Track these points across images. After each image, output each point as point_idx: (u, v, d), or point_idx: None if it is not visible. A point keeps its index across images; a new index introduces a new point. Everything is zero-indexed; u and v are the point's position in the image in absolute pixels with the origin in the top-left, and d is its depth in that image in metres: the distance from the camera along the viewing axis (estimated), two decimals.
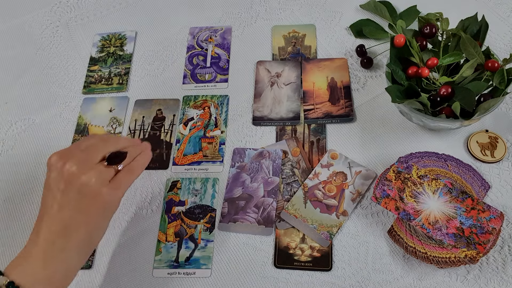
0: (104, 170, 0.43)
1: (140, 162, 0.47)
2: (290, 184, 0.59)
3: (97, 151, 0.44)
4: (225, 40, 0.74)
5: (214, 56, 0.71)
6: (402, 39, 0.56)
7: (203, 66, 0.70)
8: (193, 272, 0.53)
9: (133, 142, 0.48)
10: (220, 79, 0.69)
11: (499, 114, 0.61)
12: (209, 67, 0.70)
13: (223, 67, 0.70)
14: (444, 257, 0.48)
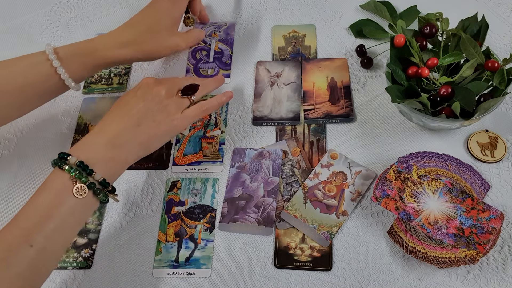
0: (181, 101, 0.55)
1: (212, 102, 0.58)
2: (290, 184, 0.59)
3: (178, 85, 0.56)
4: (228, 35, 0.74)
5: (217, 51, 0.71)
6: (402, 39, 0.56)
7: (206, 61, 0.71)
8: (193, 272, 0.53)
9: (211, 80, 0.61)
10: (223, 74, 0.70)
11: (499, 114, 0.61)
12: (212, 62, 0.70)
13: (226, 62, 0.70)
14: (444, 257, 0.48)
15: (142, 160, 0.63)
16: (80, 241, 0.57)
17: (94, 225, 0.58)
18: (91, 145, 0.48)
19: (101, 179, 0.46)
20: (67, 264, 0.55)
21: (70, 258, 0.55)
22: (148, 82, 0.54)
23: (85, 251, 0.56)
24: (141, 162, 0.63)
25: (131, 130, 0.50)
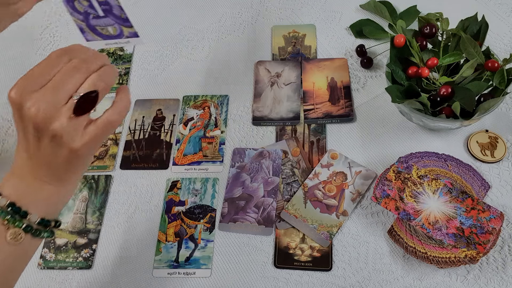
0: (75, 120, 0.36)
1: (117, 111, 0.39)
2: (290, 184, 0.59)
3: (64, 89, 0.36)
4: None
5: (101, 1, 0.52)
6: (402, 39, 0.56)
7: (96, 16, 0.53)
8: (193, 272, 0.53)
9: (105, 70, 0.39)
10: (129, 33, 0.54)
11: (499, 114, 0.61)
12: (106, 17, 0.53)
13: (121, 17, 0.52)
14: (444, 257, 0.48)
15: (142, 160, 0.63)
16: (80, 241, 0.57)
17: (94, 225, 0.58)
18: (21, 180, 0.38)
19: (39, 219, 0.37)
20: (67, 264, 0.55)
21: (70, 258, 0.55)
22: (14, 99, 0.38)
23: (85, 251, 0.56)
24: (141, 162, 0.63)
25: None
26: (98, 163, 0.63)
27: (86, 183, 0.61)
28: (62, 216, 0.59)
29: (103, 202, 0.60)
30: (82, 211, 0.59)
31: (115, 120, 0.38)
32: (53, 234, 0.40)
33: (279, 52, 0.72)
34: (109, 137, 0.66)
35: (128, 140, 0.65)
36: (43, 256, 0.56)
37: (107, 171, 0.62)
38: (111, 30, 0.55)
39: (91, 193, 0.60)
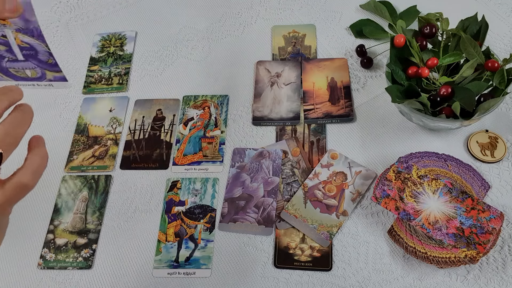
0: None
1: (30, 170, 0.32)
2: (290, 184, 0.59)
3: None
4: (29, 23, 0.45)
5: (23, 47, 0.46)
6: (402, 39, 0.56)
7: (12, 59, 0.46)
8: (193, 272, 0.53)
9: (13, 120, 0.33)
10: (55, 77, 0.47)
11: (499, 114, 0.61)
12: (25, 61, 0.46)
13: (49, 62, 0.46)
14: (444, 257, 0.48)
15: (142, 160, 0.63)
16: (80, 241, 0.57)
17: (94, 225, 0.58)
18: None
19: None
20: (67, 264, 0.55)
21: (70, 258, 0.55)
22: None
23: (85, 251, 0.56)
24: (142, 162, 0.63)
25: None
26: (98, 163, 0.63)
27: (86, 183, 0.61)
28: (62, 216, 0.59)
29: (103, 202, 0.60)
30: (82, 211, 0.59)
31: (28, 183, 0.31)
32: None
33: (279, 52, 0.72)
34: (109, 138, 0.66)
35: (128, 140, 0.65)
36: (43, 256, 0.56)
37: (107, 171, 0.62)
38: (29, 73, 0.47)
39: (91, 193, 0.60)
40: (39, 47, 0.46)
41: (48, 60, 0.47)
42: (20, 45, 0.46)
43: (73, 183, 0.62)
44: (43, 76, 0.48)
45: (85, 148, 0.65)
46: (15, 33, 0.46)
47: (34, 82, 0.48)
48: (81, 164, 0.63)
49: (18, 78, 0.48)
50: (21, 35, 0.46)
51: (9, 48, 0.46)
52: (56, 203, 0.60)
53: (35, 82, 0.48)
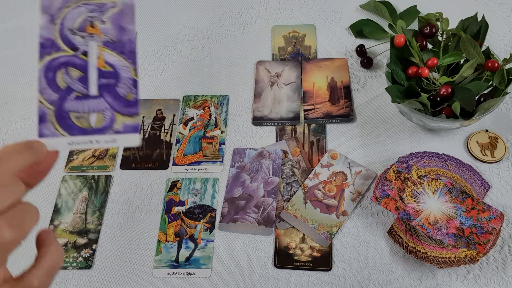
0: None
1: (44, 271, 0.28)
2: (290, 184, 0.59)
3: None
4: (124, 32, 0.34)
5: (104, 72, 0.34)
6: (402, 39, 0.56)
7: (82, 95, 0.34)
8: (193, 272, 0.53)
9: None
10: (125, 125, 0.33)
11: (499, 114, 0.61)
12: (98, 97, 0.33)
13: (128, 98, 0.34)
14: (444, 257, 0.48)
15: (142, 160, 0.63)
16: (80, 241, 0.57)
17: (94, 225, 0.58)
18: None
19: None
20: (67, 264, 0.55)
21: (70, 258, 0.55)
22: None
23: (85, 251, 0.56)
24: (141, 162, 0.63)
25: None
26: (98, 163, 0.63)
27: (86, 183, 0.61)
28: (62, 216, 0.59)
29: (103, 202, 0.60)
30: (82, 211, 0.59)
31: (41, 285, 0.27)
32: None
33: (279, 52, 0.72)
34: None
35: None
36: None
37: (107, 171, 0.62)
38: (93, 120, 0.34)
39: (91, 193, 0.60)
40: (124, 71, 0.34)
41: (128, 96, 0.34)
42: (101, 69, 0.34)
43: (73, 183, 0.62)
44: (109, 124, 0.34)
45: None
46: (101, 49, 0.34)
47: (94, 137, 0.33)
48: (81, 164, 0.63)
49: (76, 130, 0.34)
50: (108, 52, 0.34)
51: (85, 74, 0.34)
52: (56, 203, 0.60)
53: (95, 137, 0.33)
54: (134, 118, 0.33)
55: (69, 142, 0.34)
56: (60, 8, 0.35)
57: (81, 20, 0.35)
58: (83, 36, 0.34)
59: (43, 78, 0.35)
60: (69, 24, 0.35)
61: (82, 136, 0.34)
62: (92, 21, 0.35)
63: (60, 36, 0.35)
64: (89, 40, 0.34)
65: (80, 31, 0.34)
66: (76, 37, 0.34)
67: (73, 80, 0.34)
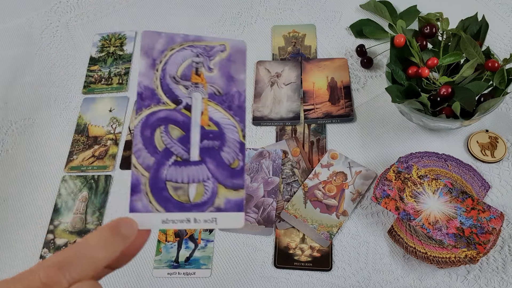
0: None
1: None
2: (290, 184, 0.59)
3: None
4: (233, 83, 0.29)
5: (208, 132, 0.29)
6: (402, 39, 0.56)
7: (181, 161, 0.29)
8: (193, 272, 0.53)
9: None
10: (228, 201, 0.28)
11: (499, 114, 0.61)
12: (199, 164, 0.29)
13: (233, 166, 0.29)
14: (444, 257, 0.48)
15: None
16: None
17: (94, 225, 0.58)
18: None
19: None
20: None
21: None
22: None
23: None
24: None
25: None
26: (98, 163, 0.63)
27: (86, 183, 0.61)
28: (62, 217, 0.59)
29: (103, 202, 0.60)
30: (82, 211, 0.59)
31: None
32: None
33: (279, 52, 0.72)
34: (109, 138, 0.66)
35: (128, 140, 0.65)
36: (42, 256, 0.56)
37: (107, 171, 0.62)
38: (192, 193, 0.29)
39: (91, 193, 0.60)
40: (230, 131, 0.29)
41: (232, 163, 0.28)
42: (205, 128, 0.29)
43: (73, 183, 0.62)
44: (210, 199, 0.28)
45: (85, 148, 0.65)
46: (206, 102, 0.29)
47: (192, 215, 0.28)
48: (81, 164, 0.63)
49: (173, 205, 0.28)
50: (213, 107, 0.29)
51: (187, 134, 0.28)
52: (56, 203, 0.60)
53: (194, 215, 0.28)
54: (239, 192, 0.28)
55: (163, 220, 0.28)
56: (163, 51, 0.29)
57: (186, 66, 0.29)
58: (187, 86, 0.29)
59: (139, 136, 0.29)
60: (172, 70, 0.29)
61: (178, 213, 0.28)
62: (198, 68, 0.29)
63: (161, 85, 0.29)
64: (193, 91, 0.29)
65: (183, 79, 0.29)
66: (179, 87, 0.29)
67: (172, 141, 0.28)
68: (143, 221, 0.28)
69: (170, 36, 0.29)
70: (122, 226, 0.27)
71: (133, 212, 0.28)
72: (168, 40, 0.29)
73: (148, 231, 0.28)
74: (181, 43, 0.29)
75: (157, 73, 0.29)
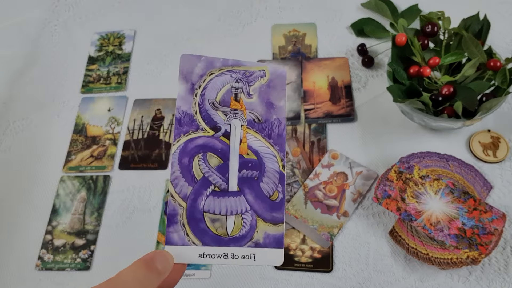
0: None
1: None
2: (290, 184, 0.58)
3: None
4: (273, 110, 0.28)
5: (247, 161, 0.28)
6: (403, 38, 0.56)
7: (220, 191, 0.28)
8: (192, 273, 0.52)
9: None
10: (267, 236, 0.27)
11: (501, 113, 0.61)
12: (238, 195, 0.27)
13: (272, 199, 0.27)
14: (446, 258, 0.48)
15: (141, 160, 0.62)
16: (79, 242, 0.56)
17: (92, 226, 0.57)
18: None
19: None
20: (65, 266, 0.54)
21: (68, 259, 0.55)
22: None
23: (84, 252, 0.55)
24: (140, 162, 0.62)
25: None
26: (97, 163, 0.63)
27: (85, 184, 0.61)
28: (60, 217, 0.58)
29: (101, 202, 0.59)
30: (80, 211, 0.59)
31: None
32: None
33: (279, 51, 0.72)
34: (107, 138, 0.65)
35: (126, 140, 0.65)
36: (41, 257, 0.55)
37: (105, 171, 0.62)
38: (230, 225, 0.27)
39: (89, 194, 0.60)
40: (270, 161, 0.27)
41: (272, 195, 0.27)
42: (244, 157, 0.27)
43: (71, 183, 0.61)
44: (249, 233, 0.27)
45: (84, 148, 0.64)
46: (245, 129, 0.28)
47: (230, 249, 0.27)
48: (80, 164, 0.63)
49: (210, 239, 0.27)
50: (252, 135, 0.28)
51: (225, 162, 0.27)
52: (54, 204, 0.60)
53: (232, 249, 0.27)
54: (279, 227, 0.27)
55: (200, 254, 0.28)
56: (202, 76, 0.28)
57: (225, 91, 0.28)
58: (226, 113, 0.28)
59: (177, 164, 0.27)
60: (211, 96, 0.28)
61: (216, 247, 0.27)
62: (237, 94, 0.28)
63: (200, 111, 0.28)
64: (232, 117, 0.28)
65: (222, 105, 0.28)
66: (218, 113, 0.28)
67: (211, 170, 0.27)
68: (179, 255, 0.27)
69: (210, 60, 0.28)
70: (158, 261, 0.26)
71: (169, 244, 0.28)
72: (207, 65, 0.28)
73: (184, 264, 0.28)
74: (220, 68, 0.28)
75: (195, 98, 0.28)
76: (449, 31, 0.57)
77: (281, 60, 0.71)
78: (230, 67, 0.28)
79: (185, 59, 0.28)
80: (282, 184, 0.27)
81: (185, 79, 0.28)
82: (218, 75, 0.28)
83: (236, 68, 0.28)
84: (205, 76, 0.28)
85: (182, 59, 0.28)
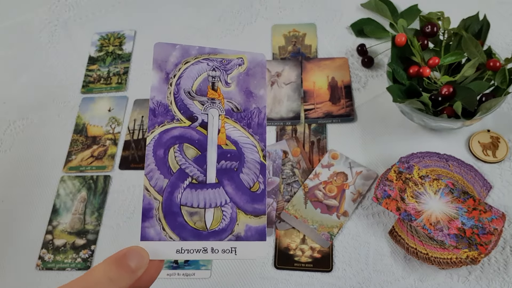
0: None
1: None
2: (290, 184, 0.58)
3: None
4: (252, 98, 0.27)
5: (226, 151, 0.27)
6: (403, 38, 0.56)
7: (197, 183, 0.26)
8: (192, 273, 0.53)
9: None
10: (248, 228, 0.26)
11: (501, 113, 0.61)
12: (217, 187, 0.26)
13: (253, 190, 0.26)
14: (446, 258, 0.48)
15: (141, 160, 0.62)
16: (79, 242, 0.56)
17: (92, 225, 0.57)
18: None
19: None
20: (66, 265, 0.54)
21: (69, 259, 0.55)
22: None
23: (84, 252, 0.55)
24: (141, 162, 0.62)
25: None
26: (97, 163, 0.63)
27: (85, 184, 0.61)
28: (61, 217, 0.59)
29: (101, 202, 0.59)
30: (80, 211, 0.59)
31: None
32: None
33: (279, 51, 0.72)
34: (108, 138, 0.65)
35: (127, 140, 0.65)
36: (41, 257, 0.56)
37: (105, 171, 0.62)
38: (209, 219, 0.26)
39: (89, 194, 0.60)
40: (250, 151, 0.26)
41: (253, 186, 0.26)
42: (222, 147, 0.26)
43: (71, 183, 0.61)
44: (229, 226, 0.26)
45: (84, 148, 0.64)
46: (223, 119, 0.27)
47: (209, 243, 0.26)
48: (80, 164, 0.63)
49: (188, 233, 0.26)
50: (231, 125, 0.27)
51: (203, 153, 0.26)
52: (55, 204, 0.60)
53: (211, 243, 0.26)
54: (260, 219, 0.26)
55: (178, 250, 0.26)
56: (177, 64, 0.27)
57: (201, 80, 0.27)
58: (203, 102, 0.27)
59: (152, 156, 0.26)
60: (186, 85, 0.27)
61: (194, 242, 0.26)
62: (214, 82, 0.27)
63: (175, 100, 0.27)
64: (209, 107, 0.27)
65: (199, 94, 0.27)
66: (194, 103, 0.27)
67: (187, 161, 0.26)
68: (156, 251, 0.26)
69: (185, 48, 0.27)
70: (130, 258, 0.25)
71: (144, 240, 0.26)
72: (182, 53, 0.27)
73: (161, 261, 0.26)
74: (196, 56, 0.27)
75: (170, 88, 0.27)
76: (448, 31, 0.57)
77: (281, 60, 0.71)
78: (207, 55, 0.27)
79: (159, 48, 0.27)
80: (263, 174, 0.26)
81: (159, 68, 0.27)
82: (194, 64, 0.27)
83: (212, 56, 0.27)
84: (180, 64, 0.27)
85: (156, 48, 0.27)
